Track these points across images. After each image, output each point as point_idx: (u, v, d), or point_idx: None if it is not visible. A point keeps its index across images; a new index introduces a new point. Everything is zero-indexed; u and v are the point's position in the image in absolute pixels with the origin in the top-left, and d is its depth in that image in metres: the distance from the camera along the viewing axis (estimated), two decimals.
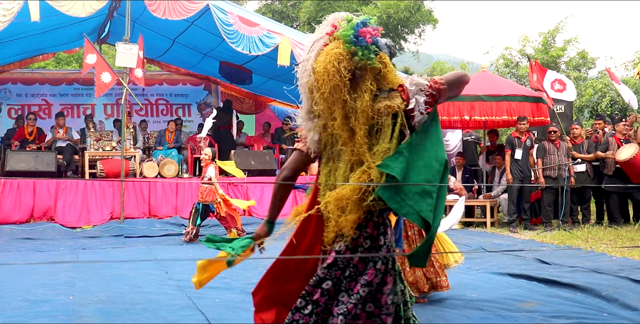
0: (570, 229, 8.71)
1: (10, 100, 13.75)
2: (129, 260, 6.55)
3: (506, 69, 20.14)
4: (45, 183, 9.29)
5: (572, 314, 4.10)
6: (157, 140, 12.08)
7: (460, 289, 4.96)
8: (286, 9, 21.79)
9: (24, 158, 9.68)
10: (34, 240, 8.02)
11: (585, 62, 18.86)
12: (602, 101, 15.92)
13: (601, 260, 6.19)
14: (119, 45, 9.02)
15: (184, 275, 5.58)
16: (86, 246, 7.53)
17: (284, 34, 9.64)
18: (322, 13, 19.08)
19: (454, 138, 11.90)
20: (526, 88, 10.94)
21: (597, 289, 4.73)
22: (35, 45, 11.73)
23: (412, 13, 18.73)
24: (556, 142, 9.22)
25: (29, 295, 4.68)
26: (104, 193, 9.48)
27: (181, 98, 14.92)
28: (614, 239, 7.85)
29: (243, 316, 4.15)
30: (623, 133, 9.26)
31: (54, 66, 21.05)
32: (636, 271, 5.50)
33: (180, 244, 7.79)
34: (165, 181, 9.92)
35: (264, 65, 11.59)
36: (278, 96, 15.25)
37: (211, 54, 12.01)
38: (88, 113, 13.40)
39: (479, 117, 9.40)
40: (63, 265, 6.19)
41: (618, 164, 9.01)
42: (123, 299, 4.57)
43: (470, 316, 4.12)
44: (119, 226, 8.90)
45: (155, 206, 9.72)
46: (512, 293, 4.81)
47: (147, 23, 10.57)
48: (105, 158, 10.14)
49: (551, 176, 9.11)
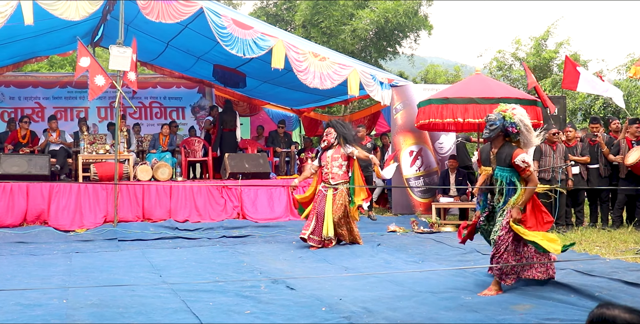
0: (564, 231, 8.73)
1: (3, 103, 13.71)
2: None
3: (499, 72, 20.22)
4: (38, 186, 9.26)
5: (566, 316, 4.12)
6: (151, 143, 12.07)
7: (454, 292, 4.97)
8: (281, 12, 21.79)
9: (17, 162, 9.65)
10: (27, 243, 7.97)
11: (578, 64, 18.92)
12: (595, 104, 16.00)
13: (594, 262, 6.22)
14: (112, 48, 9.00)
15: (178, 278, 5.57)
16: (80, 249, 7.49)
17: (278, 37, 9.66)
18: (317, 16, 19.09)
19: (447, 141, 11.94)
20: (520, 91, 10.98)
21: (590, 291, 4.75)
22: (28, 49, 11.70)
23: (410, 18, 18.76)
24: (554, 144, 9.21)
25: (22, 299, 4.65)
26: (97, 197, 9.45)
27: (175, 101, 14.92)
28: (608, 241, 7.88)
29: (237, 319, 4.15)
30: (636, 135, 9.28)
31: (47, 69, 21.03)
32: (629, 273, 5.52)
33: (174, 247, 7.78)
34: (159, 185, 9.90)
35: (257, 69, 11.62)
36: (272, 99, 15.29)
37: (205, 57, 12.01)
38: (81, 117, 13.39)
39: (473, 119, 9.41)
40: (56, 268, 6.17)
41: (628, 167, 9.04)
42: (116, 303, 4.56)
43: (465, 319, 4.13)
44: (112, 230, 8.86)
45: (149, 210, 9.70)
46: (506, 295, 4.83)
47: (141, 26, 10.57)
48: (98, 161, 10.11)
49: (545, 179, 9.13)
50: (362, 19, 18.84)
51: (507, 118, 4.94)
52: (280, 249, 7.58)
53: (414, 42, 20.96)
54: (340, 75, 10.22)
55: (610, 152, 9.35)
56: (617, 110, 15.00)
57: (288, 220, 10.10)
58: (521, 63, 11.20)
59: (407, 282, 5.36)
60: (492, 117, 5.02)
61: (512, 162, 4.91)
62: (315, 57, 10.00)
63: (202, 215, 9.84)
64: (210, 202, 10.05)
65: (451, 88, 10.39)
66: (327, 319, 4.16)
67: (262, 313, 4.27)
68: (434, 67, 25.32)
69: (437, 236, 8.67)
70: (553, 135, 9.25)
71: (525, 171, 4.90)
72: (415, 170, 11.45)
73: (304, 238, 7.60)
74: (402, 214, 11.20)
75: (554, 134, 9.26)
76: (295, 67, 9.82)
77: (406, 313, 4.26)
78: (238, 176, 10.51)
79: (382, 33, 19.46)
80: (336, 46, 18.29)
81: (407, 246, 7.68)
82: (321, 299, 4.68)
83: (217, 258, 6.84)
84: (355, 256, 6.97)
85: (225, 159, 10.83)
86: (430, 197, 11.21)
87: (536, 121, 9.68)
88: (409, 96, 11.44)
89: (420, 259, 6.82)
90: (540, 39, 19.56)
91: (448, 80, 21.75)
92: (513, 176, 4.97)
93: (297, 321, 4.12)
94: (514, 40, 20.28)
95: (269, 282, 5.36)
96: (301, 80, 9.94)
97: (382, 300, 4.72)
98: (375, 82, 10.89)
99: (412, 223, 9.60)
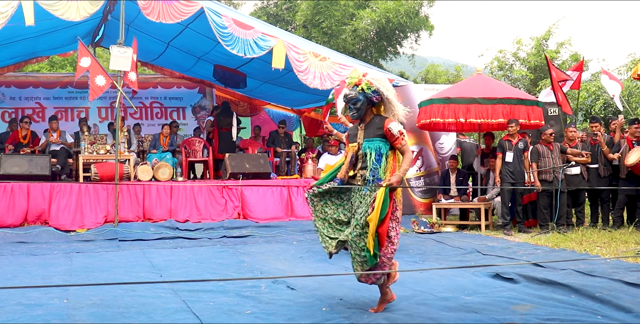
0: (564, 232, 8.73)
1: (4, 103, 13.72)
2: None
3: (500, 72, 20.21)
4: (39, 186, 9.26)
5: (567, 317, 4.12)
6: (152, 144, 12.07)
7: (455, 292, 4.97)
8: (281, 12, 21.79)
9: (17, 162, 9.65)
10: (28, 243, 7.99)
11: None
12: (595, 104, 15.99)
13: (595, 263, 6.21)
14: (113, 49, 9.01)
15: (179, 278, 5.57)
16: (80, 249, 7.50)
17: (279, 37, 9.67)
18: (318, 16, 19.08)
19: (448, 141, 11.93)
20: (521, 92, 10.98)
21: (591, 291, 4.75)
22: (29, 49, 11.71)
23: (411, 18, 18.75)
24: (550, 144, 9.24)
25: (23, 299, 4.65)
26: (98, 197, 9.45)
27: (176, 101, 14.93)
28: (608, 242, 7.87)
29: (238, 319, 4.15)
30: (636, 135, 9.28)
31: (48, 69, 21.03)
32: (630, 273, 5.52)
33: (175, 247, 7.78)
34: (160, 185, 9.90)
35: (258, 69, 11.62)
36: (272, 99, 15.29)
37: (205, 57, 12.02)
38: (82, 117, 13.40)
39: (475, 119, 9.41)
40: (57, 268, 6.18)
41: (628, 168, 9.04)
42: (117, 303, 4.56)
43: (465, 319, 4.13)
44: (113, 230, 8.87)
45: (149, 210, 9.69)
46: (507, 295, 4.82)
47: (142, 26, 10.57)
48: (99, 161, 10.11)
49: (547, 180, 9.12)
50: (363, 19, 18.83)
51: (366, 89, 4.31)
52: (281, 249, 7.58)
53: (414, 42, 20.98)
54: (340, 75, 10.22)
55: (610, 152, 9.35)
56: (618, 111, 15.00)
57: (289, 220, 10.10)
58: (545, 57, 11.01)
59: (407, 282, 5.35)
60: (352, 94, 4.35)
61: (384, 130, 4.27)
62: (315, 57, 10.00)
63: (202, 215, 9.84)
64: (211, 202, 10.04)
65: (453, 88, 10.39)
66: (327, 319, 4.16)
67: (263, 313, 4.27)
68: (435, 67, 25.31)
69: (438, 237, 8.68)
70: (550, 136, 9.26)
71: (399, 141, 4.26)
72: (415, 170, 11.45)
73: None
74: (403, 214, 11.16)
75: (550, 134, 9.27)
76: (296, 67, 9.82)
77: (406, 314, 4.25)
78: (239, 176, 10.51)
79: (383, 33, 19.45)
80: (337, 46, 18.28)
81: (408, 246, 7.68)
82: (322, 300, 4.68)
83: (217, 258, 6.85)
84: None
85: (226, 159, 10.83)
86: (431, 197, 11.21)
87: (537, 121, 9.70)
88: (409, 96, 11.43)
89: (420, 259, 6.83)
90: (541, 38, 19.56)
91: (449, 80, 21.75)
92: (382, 148, 4.27)
93: (297, 321, 4.12)
94: (515, 40, 20.28)
95: (269, 282, 5.35)
96: (301, 81, 9.94)
97: None
98: None
99: (413, 223, 9.60)
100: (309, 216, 9.01)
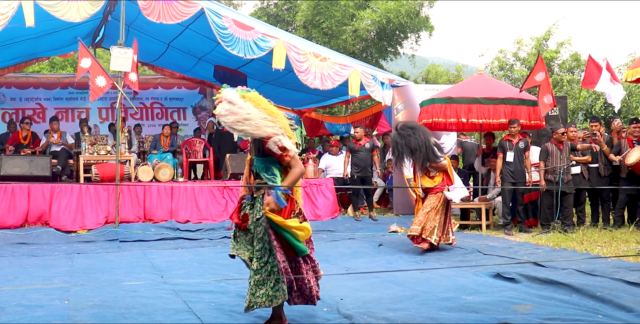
0: (571, 232, 8.72)
1: (4, 104, 13.74)
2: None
3: (501, 72, 20.21)
4: (39, 187, 9.26)
5: (568, 316, 4.11)
6: (152, 144, 12.07)
7: (455, 292, 4.97)
8: (281, 13, 21.78)
9: (18, 163, 9.65)
10: (29, 244, 7.99)
11: (579, 64, 18.93)
12: (596, 103, 16.00)
13: (596, 262, 6.21)
14: (113, 49, 9.01)
15: (180, 279, 5.57)
16: (81, 250, 7.50)
17: (279, 38, 9.67)
18: (319, 16, 19.07)
19: (449, 141, 11.92)
20: (522, 92, 10.95)
21: (592, 291, 4.74)
22: (29, 50, 11.71)
23: (411, 18, 18.75)
24: (561, 143, 9.16)
25: (23, 300, 4.66)
26: (98, 198, 9.45)
27: (176, 101, 14.93)
28: (609, 241, 7.87)
29: (238, 320, 4.15)
30: (635, 135, 9.27)
31: (48, 70, 21.04)
32: (631, 273, 5.51)
33: (176, 248, 7.78)
34: (161, 186, 9.90)
35: (258, 69, 11.61)
36: (273, 99, 15.07)
37: (206, 57, 12.01)
38: (83, 118, 13.40)
39: (476, 119, 9.40)
40: (58, 269, 6.18)
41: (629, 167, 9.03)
42: (118, 304, 4.56)
43: (466, 319, 4.13)
44: (114, 231, 8.87)
45: (150, 211, 9.69)
46: (508, 295, 4.82)
47: (142, 27, 10.57)
48: (100, 162, 10.11)
49: (552, 181, 9.08)
50: (364, 19, 18.83)
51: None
52: None
53: (415, 42, 20.97)
54: (341, 75, 10.22)
55: (611, 152, 9.34)
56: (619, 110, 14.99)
57: None
58: (537, 56, 10.97)
59: (408, 282, 5.36)
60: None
61: (264, 149, 3.90)
62: (316, 57, 9.99)
63: (203, 216, 9.84)
64: (212, 203, 10.04)
65: (454, 88, 10.39)
66: (328, 319, 4.16)
67: (264, 313, 4.27)
68: (435, 67, 25.33)
69: None
70: (562, 135, 9.20)
71: (283, 158, 3.86)
72: None
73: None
74: (404, 214, 11.19)
75: (562, 134, 9.21)
76: (296, 68, 9.81)
77: (407, 314, 4.25)
78: (239, 176, 10.51)
79: (384, 33, 19.44)
80: (337, 47, 18.28)
81: (409, 246, 7.68)
82: (322, 300, 4.67)
83: (218, 258, 6.84)
84: (357, 256, 6.97)
85: (226, 160, 10.82)
86: None
87: (538, 122, 9.69)
88: (410, 96, 11.43)
89: (421, 259, 6.82)
90: (541, 38, 19.56)
91: (449, 80, 21.74)
92: (270, 167, 3.95)
93: (298, 322, 4.12)
94: (515, 40, 20.29)
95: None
96: (302, 81, 9.93)
97: (383, 300, 4.72)
98: (376, 82, 10.89)
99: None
100: (310, 217, 9.00)
